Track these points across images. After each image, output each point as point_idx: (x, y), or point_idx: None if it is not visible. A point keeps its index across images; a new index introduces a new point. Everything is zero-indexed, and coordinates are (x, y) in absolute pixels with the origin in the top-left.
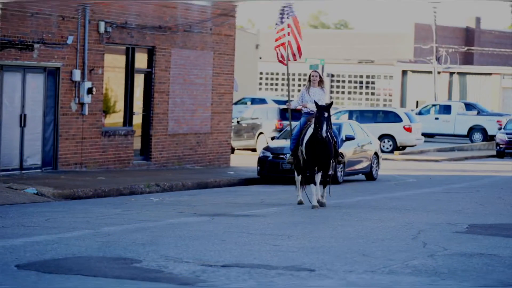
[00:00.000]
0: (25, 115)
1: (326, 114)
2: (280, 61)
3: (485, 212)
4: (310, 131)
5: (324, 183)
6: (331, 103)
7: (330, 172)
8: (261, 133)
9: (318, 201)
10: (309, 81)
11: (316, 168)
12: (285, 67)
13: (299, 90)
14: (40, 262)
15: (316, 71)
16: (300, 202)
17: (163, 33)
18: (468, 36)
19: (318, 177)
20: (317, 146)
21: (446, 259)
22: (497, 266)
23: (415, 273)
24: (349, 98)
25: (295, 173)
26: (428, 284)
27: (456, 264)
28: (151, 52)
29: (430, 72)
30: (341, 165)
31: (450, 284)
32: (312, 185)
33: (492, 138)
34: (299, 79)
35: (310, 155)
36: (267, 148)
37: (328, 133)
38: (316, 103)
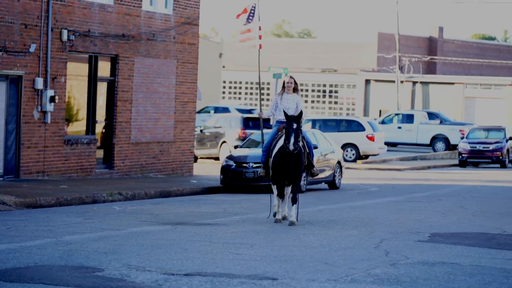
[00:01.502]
0: None
1: (294, 125)
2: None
3: (447, 221)
4: (280, 142)
5: (293, 199)
6: (301, 113)
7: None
8: (224, 141)
9: (286, 219)
10: (283, 87)
11: (285, 182)
12: (247, 74)
13: (262, 99)
14: (1, 271)
15: (291, 77)
16: (277, 219)
17: (126, 42)
18: (431, 45)
19: (287, 191)
20: (286, 159)
21: (408, 268)
22: (459, 275)
23: (377, 282)
24: (312, 107)
25: (272, 186)
26: None
27: (418, 272)
28: (114, 61)
29: (393, 81)
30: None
31: None
32: (279, 198)
33: (454, 147)
34: (263, 88)
35: (278, 168)
36: (230, 157)
37: (297, 145)
38: (285, 113)
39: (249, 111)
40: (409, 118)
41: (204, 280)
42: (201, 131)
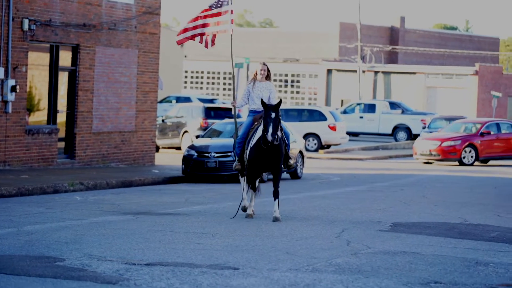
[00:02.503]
0: None
1: (273, 115)
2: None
3: (408, 210)
4: (258, 133)
5: (275, 194)
6: (280, 102)
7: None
8: (186, 131)
9: (274, 217)
10: (255, 74)
11: (260, 175)
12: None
13: (224, 89)
14: None
15: (265, 64)
16: (248, 214)
17: (88, 31)
18: (393, 35)
19: (258, 184)
20: (265, 151)
21: (370, 257)
22: (420, 264)
23: (339, 271)
24: None
25: (240, 178)
26: (351, 282)
27: (379, 262)
28: (75, 50)
29: (355, 71)
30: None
31: (373, 282)
32: (251, 191)
33: (416, 137)
34: (224, 78)
35: (255, 161)
36: (192, 147)
37: (276, 135)
38: (262, 102)
39: (211, 101)
40: (370, 108)
41: (166, 270)
42: (162, 120)
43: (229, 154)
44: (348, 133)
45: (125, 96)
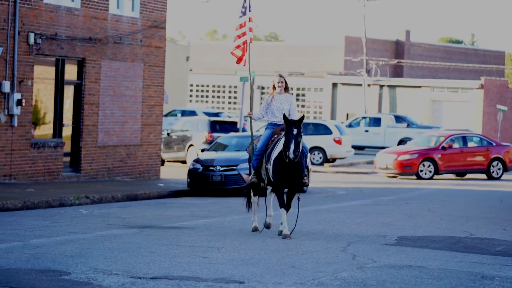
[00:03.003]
0: None
1: (295, 131)
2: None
3: (414, 224)
4: (280, 146)
5: (288, 207)
6: (302, 118)
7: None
8: (191, 145)
9: (280, 231)
10: (273, 87)
11: (285, 190)
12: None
13: (229, 103)
14: None
15: (282, 76)
16: (255, 229)
17: (93, 45)
18: (398, 49)
19: (271, 197)
20: (288, 165)
21: (375, 271)
22: (426, 278)
23: (344, 285)
24: None
25: (251, 194)
26: None
27: (385, 276)
28: (81, 64)
29: (360, 85)
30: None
31: None
32: (282, 209)
33: None
34: (230, 91)
35: (280, 175)
36: (197, 160)
37: (298, 152)
38: (284, 117)
39: (216, 115)
40: (376, 122)
41: (171, 284)
42: (168, 134)
43: (235, 167)
44: (354, 147)
45: (130, 110)
